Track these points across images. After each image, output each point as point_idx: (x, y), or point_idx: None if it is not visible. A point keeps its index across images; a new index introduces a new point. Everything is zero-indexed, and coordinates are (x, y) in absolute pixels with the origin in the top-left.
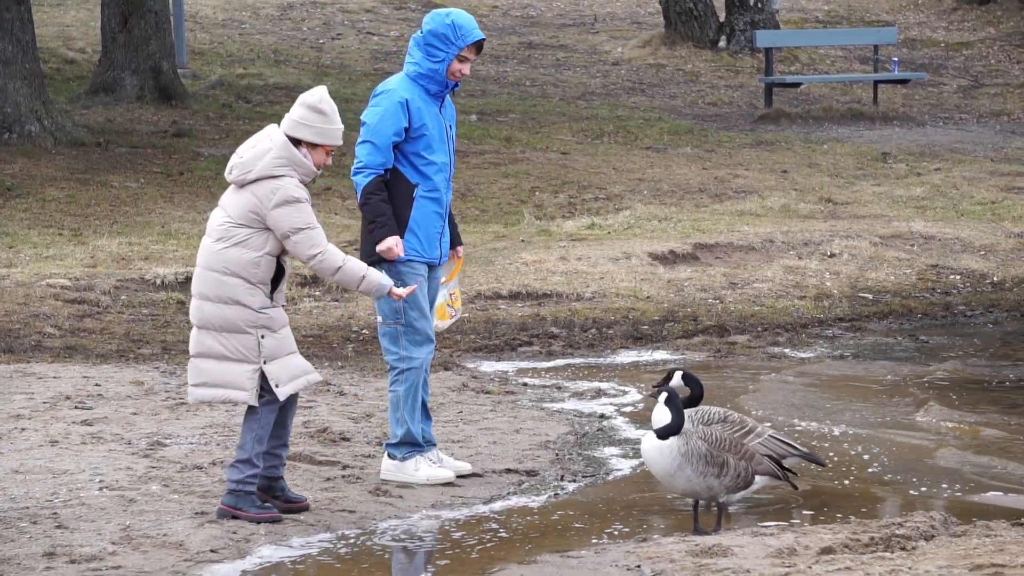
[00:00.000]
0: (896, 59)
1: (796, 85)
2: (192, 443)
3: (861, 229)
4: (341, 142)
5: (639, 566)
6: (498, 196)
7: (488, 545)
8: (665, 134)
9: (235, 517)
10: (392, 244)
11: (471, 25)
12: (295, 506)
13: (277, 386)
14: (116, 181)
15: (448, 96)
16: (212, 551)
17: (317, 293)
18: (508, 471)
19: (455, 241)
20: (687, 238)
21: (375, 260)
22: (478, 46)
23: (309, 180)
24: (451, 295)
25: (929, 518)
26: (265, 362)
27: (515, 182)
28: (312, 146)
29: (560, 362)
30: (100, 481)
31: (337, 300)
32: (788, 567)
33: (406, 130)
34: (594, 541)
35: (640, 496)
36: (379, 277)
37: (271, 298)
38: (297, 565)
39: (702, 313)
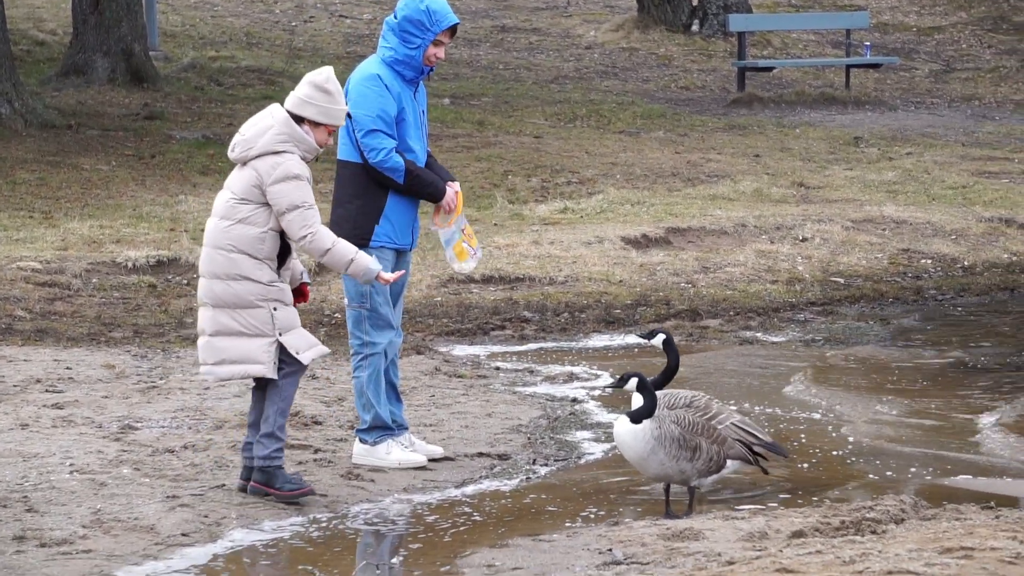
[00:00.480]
0: (868, 43)
1: (769, 69)
2: (163, 427)
3: (833, 213)
4: (344, 122)
5: (611, 549)
6: (471, 180)
7: (460, 529)
8: (638, 118)
9: (267, 494)
10: (452, 191)
11: (445, 10)
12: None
13: (299, 353)
14: (87, 164)
15: (421, 81)
16: (183, 535)
17: None
18: (480, 455)
19: (446, 178)
20: (660, 222)
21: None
22: (452, 30)
23: (311, 158)
24: (463, 231)
25: (899, 501)
26: (281, 334)
27: (488, 166)
28: (315, 124)
29: (532, 346)
30: (71, 465)
31: (309, 284)
32: (759, 551)
33: None
34: (566, 525)
35: (612, 480)
36: (368, 261)
37: (278, 273)
38: (269, 548)
39: (674, 297)
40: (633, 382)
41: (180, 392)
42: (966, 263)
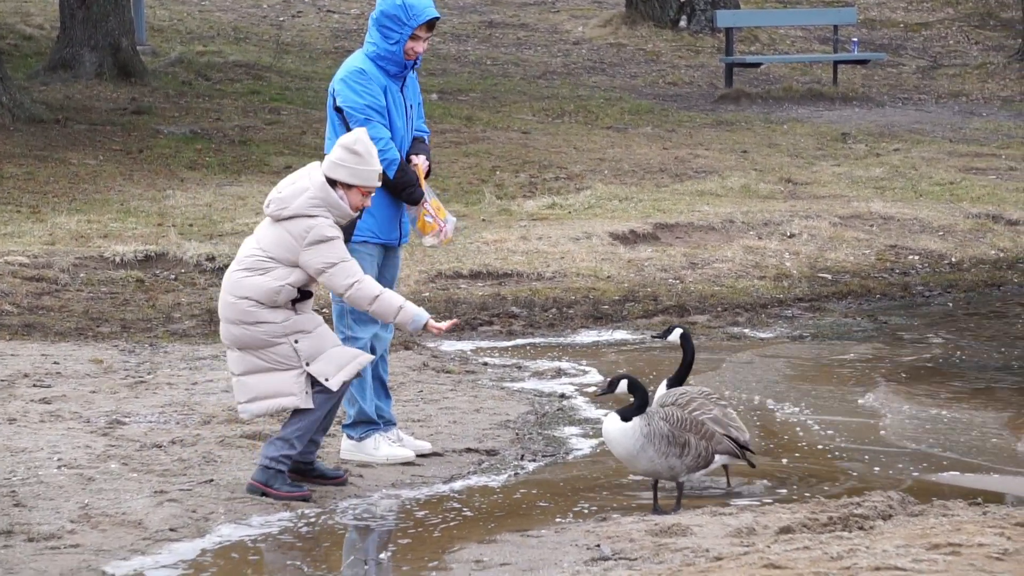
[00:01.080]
0: (856, 39)
1: (756, 65)
2: (151, 421)
3: (820, 209)
4: (378, 183)
5: (599, 545)
6: (459, 175)
7: (448, 524)
8: (626, 114)
9: (264, 494)
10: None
11: (423, 4)
12: (334, 481)
13: (327, 379)
14: (75, 158)
15: (411, 73)
16: (171, 529)
17: None
18: (468, 450)
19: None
20: (647, 218)
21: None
22: (431, 24)
23: (345, 223)
24: (427, 205)
25: (887, 498)
26: (308, 363)
27: (476, 161)
28: (347, 187)
29: (520, 341)
30: (59, 459)
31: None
32: (747, 546)
33: None
34: (554, 520)
35: (600, 476)
36: (415, 309)
37: (295, 310)
38: (258, 544)
39: (662, 293)
40: (623, 384)
41: (168, 387)
42: (953, 259)
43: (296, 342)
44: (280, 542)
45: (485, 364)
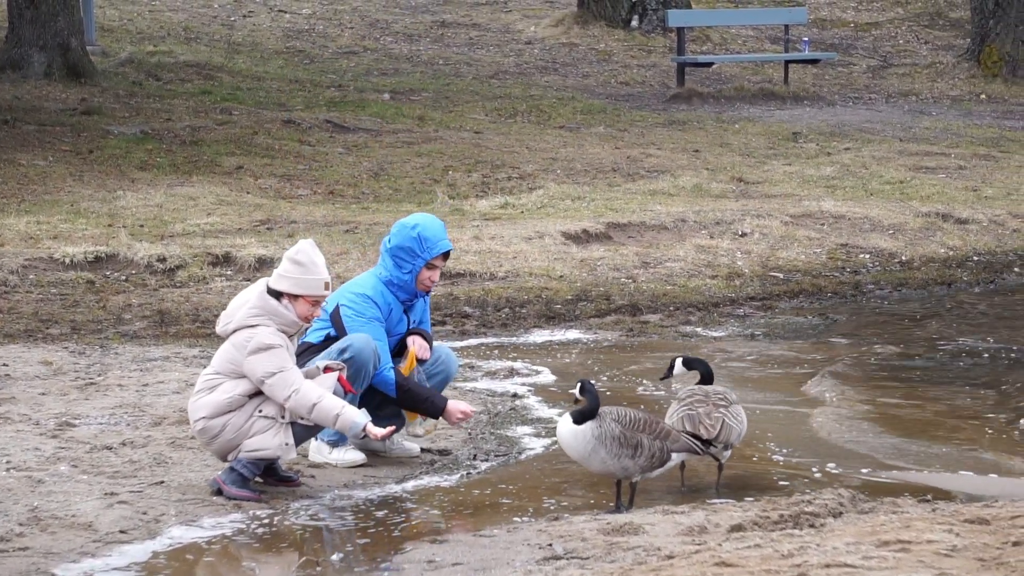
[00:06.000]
0: (806, 39)
1: (708, 65)
2: (102, 423)
3: (772, 208)
4: (325, 291)
5: (551, 544)
6: (411, 175)
7: (400, 525)
8: (578, 113)
9: (219, 491)
10: (452, 408)
11: (438, 236)
12: (287, 484)
13: (301, 418)
14: (24, 159)
15: (420, 300)
16: (121, 531)
17: (229, 272)
18: (421, 450)
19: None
20: (600, 217)
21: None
22: (446, 253)
23: (292, 332)
24: None
25: (837, 495)
26: (282, 417)
27: (428, 161)
28: (293, 298)
29: (473, 341)
30: (7, 462)
31: (249, 280)
32: (699, 544)
33: None
34: (507, 520)
35: (552, 475)
36: (354, 415)
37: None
38: (211, 545)
39: (615, 292)
40: (578, 387)
41: (118, 389)
42: (904, 258)
43: (260, 411)
44: (233, 543)
45: None
